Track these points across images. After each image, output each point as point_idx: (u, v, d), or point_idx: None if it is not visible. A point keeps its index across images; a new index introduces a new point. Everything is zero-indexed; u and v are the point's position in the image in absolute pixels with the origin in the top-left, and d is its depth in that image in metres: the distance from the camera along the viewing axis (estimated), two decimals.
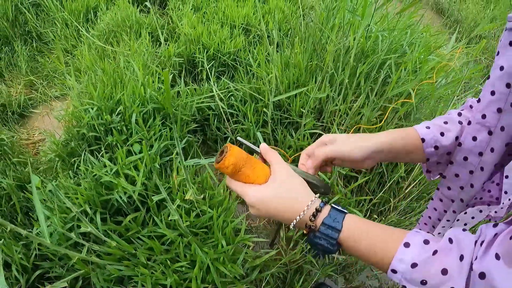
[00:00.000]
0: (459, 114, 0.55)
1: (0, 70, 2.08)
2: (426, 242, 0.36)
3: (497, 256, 0.30)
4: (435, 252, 0.35)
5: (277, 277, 1.25)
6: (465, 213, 0.63)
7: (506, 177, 0.53)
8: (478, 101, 0.46)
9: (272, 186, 0.44)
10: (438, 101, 1.51)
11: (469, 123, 0.47)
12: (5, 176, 1.35)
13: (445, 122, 0.54)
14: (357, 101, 1.33)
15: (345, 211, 0.42)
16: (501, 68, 0.42)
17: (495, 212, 0.59)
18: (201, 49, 1.69)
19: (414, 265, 0.35)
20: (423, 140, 0.52)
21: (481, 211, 0.61)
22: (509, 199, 0.56)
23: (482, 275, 0.31)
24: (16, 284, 1.03)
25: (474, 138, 0.46)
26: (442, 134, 0.53)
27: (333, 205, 0.43)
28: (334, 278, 1.29)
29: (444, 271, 0.33)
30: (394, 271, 0.36)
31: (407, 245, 0.36)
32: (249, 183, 0.45)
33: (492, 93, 0.43)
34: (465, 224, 0.64)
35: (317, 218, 0.41)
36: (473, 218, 0.62)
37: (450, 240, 0.35)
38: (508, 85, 0.41)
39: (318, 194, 0.44)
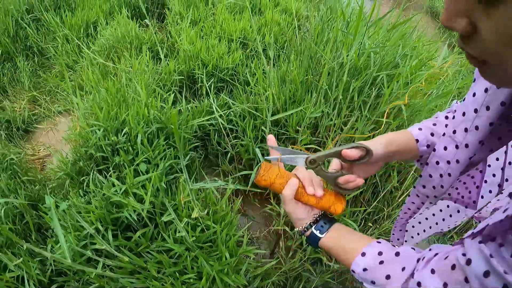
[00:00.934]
0: (446, 117, 0.63)
1: (3, 86, 2.13)
2: (379, 253, 0.49)
3: (432, 271, 0.41)
4: (381, 262, 0.47)
5: (277, 284, 1.33)
6: (448, 206, 0.72)
7: (485, 181, 0.62)
8: (453, 117, 0.54)
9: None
10: (430, 113, 1.58)
11: (444, 134, 0.55)
12: (17, 195, 1.42)
13: (434, 124, 0.63)
14: (351, 115, 1.40)
15: (335, 221, 0.56)
16: (474, 94, 0.49)
17: (472, 215, 0.68)
18: (200, 65, 1.76)
19: (365, 270, 0.48)
20: (417, 140, 0.61)
21: (458, 211, 0.70)
22: (487, 204, 0.64)
23: (419, 284, 0.42)
24: None
25: (445, 148, 0.54)
26: (432, 134, 0.61)
27: (327, 216, 0.58)
28: (332, 285, 1.37)
29: (388, 276, 0.46)
30: (353, 271, 0.50)
31: (363, 254, 0.49)
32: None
33: (463, 114, 0.50)
34: (443, 220, 0.73)
35: (311, 227, 0.56)
36: (450, 216, 0.72)
37: (397, 254, 0.47)
38: (476, 111, 0.48)
39: (318, 215, 0.58)
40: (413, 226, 0.79)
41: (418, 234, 0.82)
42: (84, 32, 2.24)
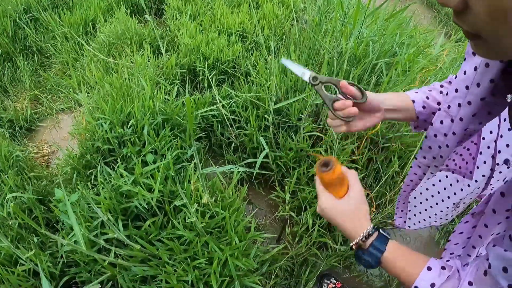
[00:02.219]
0: (441, 86, 0.68)
1: (4, 86, 2.14)
2: (443, 268, 0.48)
3: (470, 283, 0.44)
4: (448, 278, 0.47)
5: (284, 269, 1.36)
6: (446, 176, 0.76)
7: (481, 153, 0.66)
8: (446, 94, 0.57)
9: (344, 205, 0.55)
10: None
11: (439, 109, 0.59)
12: (24, 191, 1.43)
13: (430, 90, 0.67)
14: None
15: (389, 237, 0.53)
16: (465, 72, 0.52)
17: (468, 185, 0.72)
18: (201, 58, 1.77)
19: (433, 285, 0.46)
20: (413, 101, 0.65)
21: (458, 181, 0.75)
22: (483, 175, 0.68)
23: None
24: None
25: (441, 122, 0.59)
26: (427, 97, 0.65)
27: (381, 231, 0.54)
28: (338, 269, 1.40)
29: None
30: (416, 287, 0.48)
31: (429, 268, 0.48)
32: (330, 192, 0.56)
33: (456, 90, 0.54)
34: (444, 189, 0.78)
35: (367, 240, 0.53)
36: (451, 185, 0.76)
37: (457, 270, 0.48)
38: (467, 87, 0.52)
39: (373, 224, 0.55)
40: (414, 198, 0.83)
41: (420, 212, 0.86)
42: (83, 30, 2.24)
